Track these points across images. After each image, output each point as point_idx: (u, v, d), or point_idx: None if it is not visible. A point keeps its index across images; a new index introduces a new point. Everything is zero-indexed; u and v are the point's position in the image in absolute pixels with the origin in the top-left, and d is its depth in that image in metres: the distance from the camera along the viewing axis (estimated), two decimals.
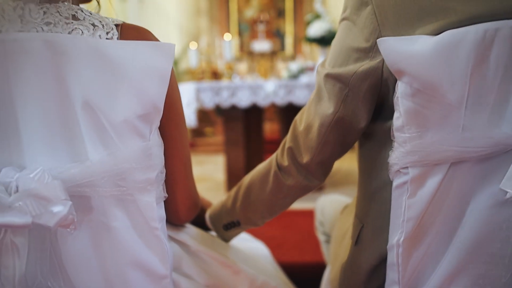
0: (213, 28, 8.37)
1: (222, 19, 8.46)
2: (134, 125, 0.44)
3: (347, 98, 0.53)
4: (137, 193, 0.46)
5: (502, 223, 0.44)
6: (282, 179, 0.62)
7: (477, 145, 0.44)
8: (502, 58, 0.43)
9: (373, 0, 0.49)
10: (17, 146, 0.45)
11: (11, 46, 0.43)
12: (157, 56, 0.45)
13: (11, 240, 0.41)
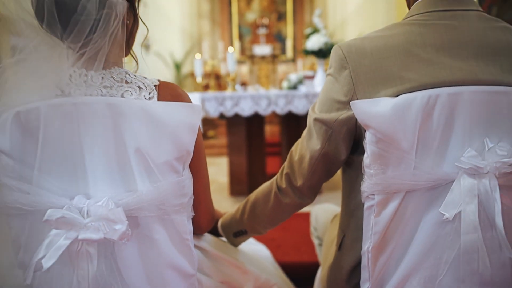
0: (215, 31, 8.51)
1: (224, 22, 8.60)
2: (171, 164, 0.60)
3: (331, 137, 0.69)
4: (173, 214, 0.62)
5: (443, 237, 0.60)
6: (281, 198, 0.78)
7: (424, 180, 0.60)
8: (442, 116, 0.59)
9: (350, 66, 0.65)
10: (84, 180, 0.61)
11: (81, 107, 0.59)
12: (188, 114, 0.60)
13: (86, 250, 0.57)
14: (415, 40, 0.63)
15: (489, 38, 0.63)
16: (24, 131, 0.59)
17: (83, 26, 0.57)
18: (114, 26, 0.60)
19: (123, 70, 0.67)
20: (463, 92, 0.59)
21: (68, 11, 0.57)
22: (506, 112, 0.59)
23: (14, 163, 0.60)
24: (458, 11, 0.65)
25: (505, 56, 0.62)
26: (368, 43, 0.65)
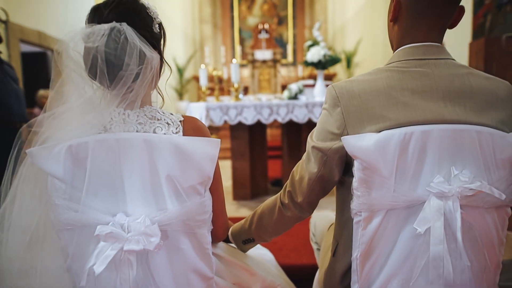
0: (216, 35, 8.64)
1: (225, 26, 8.72)
2: (195, 188, 0.74)
3: (326, 162, 0.83)
4: (196, 228, 0.76)
5: (416, 248, 0.74)
6: (284, 212, 0.92)
7: (402, 201, 0.73)
8: (416, 149, 0.72)
9: (342, 105, 0.79)
10: (123, 200, 0.74)
11: (122, 142, 0.73)
12: (209, 147, 0.74)
13: (127, 258, 0.71)
14: (394, 85, 0.76)
15: (455, 83, 0.77)
16: (75, 161, 0.73)
17: (126, 79, 0.70)
18: (149, 76, 0.73)
19: (154, 108, 0.80)
20: (432, 130, 0.72)
21: (115, 69, 0.71)
22: (468, 146, 0.73)
23: (66, 187, 0.74)
24: (431, 60, 0.79)
25: (468, 98, 0.76)
26: (357, 85, 0.79)
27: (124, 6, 0.76)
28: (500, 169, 0.74)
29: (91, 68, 0.72)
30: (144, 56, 0.72)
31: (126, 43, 0.71)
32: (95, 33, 0.70)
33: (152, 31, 0.79)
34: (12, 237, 0.77)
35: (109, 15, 0.75)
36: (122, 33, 0.71)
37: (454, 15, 0.82)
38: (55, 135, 0.74)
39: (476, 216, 0.75)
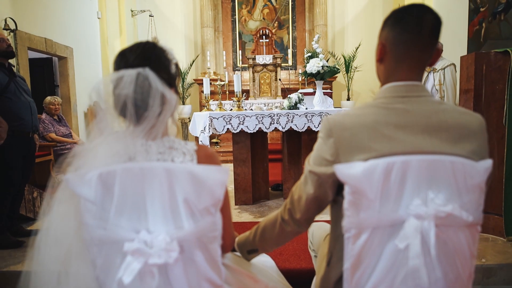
0: (218, 39, 8.75)
1: (226, 30, 8.83)
2: (208, 209, 0.86)
3: (321, 185, 0.95)
4: (208, 243, 0.88)
5: (398, 261, 0.86)
6: (284, 227, 1.04)
7: (385, 221, 0.85)
8: (397, 177, 0.84)
9: (335, 136, 0.91)
10: (145, 219, 0.86)
11: (146, 171, 0.85)
12: (220, 174, 0.86)
13: (150, 270, 0.83)
14: (380, 120, 0.88)
15: (433, 118, 0.89)
16: (104, 186, 0.85)
17: (151, 118, 0.83)
18: (169, 113, 0.86)
19: (171, 139, 0.92)
20: (412, 160, 0.84)
21: (141, 109, 0.83)
22: (442, 173, 0.85)
23: (96, 208, 0.86)
24: (412, 97, 0.91)
25: (444, 131, 0.88)
26: (348, 119, 0.91)
27: (147, 52, 0.89)
28: (470, 193, 0.86)
29: (122, 110, 0.84)
30: (164, 98, 0.84)
31: (150, 88, 0.83)
32: (123, 80, 0.82)
33: (170, 72, 0.91)
34: (49, 252, 0.89)
35: (134, 60, 0.87)
36: (146, 78, 0.83)
37: (432, 57, 0.94)
38: (88, 164, 0.86)
39: (451, 233, 0.87)
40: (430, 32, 0.91)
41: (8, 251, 2.39)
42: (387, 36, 0.95)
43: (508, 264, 2.06)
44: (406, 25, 0.91)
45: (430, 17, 0.91)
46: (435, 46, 0.94)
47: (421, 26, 0.90)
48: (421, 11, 0.91)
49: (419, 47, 0.92)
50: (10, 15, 4.18)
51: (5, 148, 2.41)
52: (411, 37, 0.91)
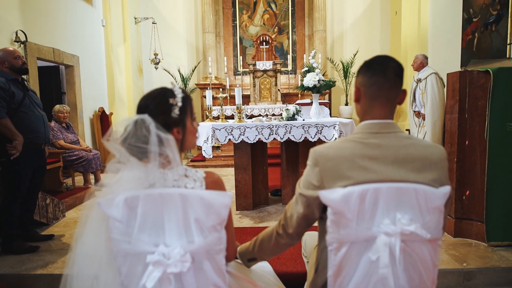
0: (219, 44, 8.93)
1: (227, 36, 9.01)
2: (215, 227, 1.04)
3: (309, 206, 1.13)
4: (215, 254, 1.06)
5: (371, 270, 1.04)
6: (279, 240, 1.23)
7: (361, 236, 1.04)
8: (371, 201, 1.02)
9: (320, 165, 1.09)
10: (163, 235, 1.05)
11: (164, 196, 1.03)
12: (224, 198, 1.04)
13: (167, 277, 1.01)
14: (357, 153, 1.07)
15: (400, 151, 1.07)
16: (129, 208, 1.04)
17: (154, 155, 1.02)
18: (173, 149, 1.04)
19: (184, 167, 1.11)
20: (382, 187, 1.02)
21: (143, 150, 1.02)
22: (408, 198, 1.03)
23: (123, 226, 1.04)
24: (384, 133, 1.10)
25: (410, 163, 1.06)
26: (331, 151, 1.09)
27: (148, 100, 1.09)
28: (431, 215, 1.04)
29: (127, 150, 1.03)
30: (161, 139, 1.03)
31: (148, 132, 1.02)
32: (127, 125, 1.02)
33: (169, 116, 1.09)
34: (84, 260, 1.08)
35: (140, 107, 1.07)
36: (143, 123, 1.03)
37: (399, 97, 1.13)
38: (116, 190, 1.04)
39: (415, 247, 1.05)
40: (394, 75, 1.10)
41: (26, 255, 2.57)
42: (360, 80, 1.14)
43: (487, 268, 2.24)
44: (374, 71, 1.11)
45: (392, 64, 1.10)
46: (400, 86, 1.13)
47: (386, 70, 1.10)
48: (385, 59, 1.11)
49: (386, 86, 1.11)
50: (20, 28, 4.37)
51: (19, 160, 2.58)
52: (379, 79, 1.10)
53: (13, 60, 2.64)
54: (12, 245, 2.62)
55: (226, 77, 6.33)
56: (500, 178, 2.45)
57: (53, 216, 3.32)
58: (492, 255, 2.39)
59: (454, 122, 2.64)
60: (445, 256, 2.40)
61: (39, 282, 2.27)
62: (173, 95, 1.11)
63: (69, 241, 2.86)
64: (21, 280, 2.28)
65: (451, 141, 2.67)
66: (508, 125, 2.42)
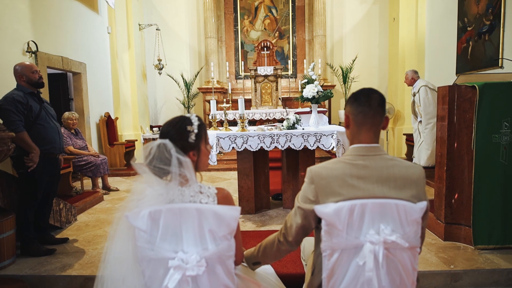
0: (221, 48, 9.11)
1: (229, 40, 9.18)
2: (226, 236, 1.23)
3: (306, 217, 1.31)
4: (225, 260, 1.24)
5: (359, 273, 1.22)
6: (280, 246, 1.41)
7: (350, 245, 1.22)
8: (358, 214, 1.20)
9: (315, 183, 1.27)
10: (181, 244, 1.23)
11: (182, 210, 1.21)
12: (233, 211, 1.22)
13: (186, 279, 1.19)
14: (346, 173, 1.25)
15: (384, 172, 1.25)
16: (153, 220, 1.22)
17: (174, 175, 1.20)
18: (190, 169, 1.22)
19: (199, 185, 1.29)
20: (368, 202, 1.20)
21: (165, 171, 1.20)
22: (390, 212, 1.21)
23: (147, 235, 1.22)
24: (370, 156, 1.28)
25: (392, 181, 1.24)
26: (324, 171, 1.27)
27: (170, 127, 1.27)
28: (410, 226, 1.22)
29: (151, 170, 1.22)
30: (180, 161, 1.22)
31: (168, 155, 1.20)
32: (151, 148, 1.20)
33: (187, 141, 1.27)
34: (114, 265, 1.26)
35: (162, 133, 1.25)
36: (165, 147, 1.21)
37: (383, 123, 1.31)
38: (141, 205, 1.22)
39: (397, 253, 1.23)
40: (377, 105, 1.29)
41: (44, 257, 2.76)
42: (349, 110, 1.32)
43: (473, 269, 2.42)
44: (360, 101, 1.29)
45: (376, 95, 1.29)
46: (383, 114, 1.31)
47: (370, 101, 1.29)
48: (369, 91, 1.30)
49: (371, 114, 1.29)
50: (32, 38, 4.55)
51: (36, 170, 2.76)
52: (364, 108, 1.29)
53: (31, 74, 2.82)
54: (30, 248, 2.80)
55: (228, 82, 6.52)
56: (486, 186, 2.63)
57: (66, 220, 3.51)
58: (478, 258, 2.57)
59: (444, 129, 2.82)
60: (435, 258, 2.58)
61: (58, 283, 2.46)
62: (190, 123, 1.29)
63: (82, 244, 3.04)
64: (41, 281, 2.46)
65: (441, 150, 2.85)
66: (493, 137, 2.60)
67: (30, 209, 2.82)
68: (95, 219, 3.77)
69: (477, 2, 5.15)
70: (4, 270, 2.54)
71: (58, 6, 5.24)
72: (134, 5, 7.28)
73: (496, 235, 2.66)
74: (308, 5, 9.06)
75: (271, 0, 9.34)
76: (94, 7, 6.35)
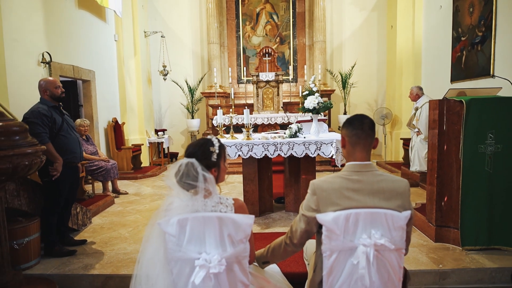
0: (223, 54, 9.34)
1: (231, 46, 9.42)
2: (242, 240, 1.46)
3: (309, 223, 1.55)
4: (241, 260, 1.48)
5: (354, 270, 1.46)
6: (286, 248, 1.65)
7: (346, 247, 1.45)
8: (353, 221, 1.44)
9: (317, 194, 1.51)
10: (204, 246, 1.46)
11: (206, 218, 1.45)
12: (248, 219, 1.46)
13: (209, 276, 1.43)
14: (343, 186, 1.49)
15: (374, 185, 1.49)
16: (180, 226, 1.45)
17: (200, 189, 1.43)
18: (213, 184, 1.46)
19: (218, 196, 1.53)
20: (361, 211, 1.44)
21: (192, 186, 1.44)
22: (379, 220, 1.45)
23: (175, 239, 1.46)
24: (363, 171, 1.51)
25: (381, 194, 1.48)
26: (325, 184, 1.51)
27: (196, 148, 1.51)
28: (397, 231, 1.46)
29: (180, 185, 1.45)
30: (205, 177, 1.45)
31: (196, 172, 1.44)
32: (181, 166, 1.44)
33: (210, 160, 1.51)
34: (147, 264, 1.49)
35: (190, 153, 1.49)
36: (192, 165, 1.44)
37: (373, 143, 1.55)
38: (171, 214, 1.46)
39: (385, 254, 1.47)
40: (368, 128, 1.53)
41: (66, 258, 2.99)
42: (345, 132, 1.56)
43: (459, 268, 2.66)
44: (354, 125, 1.53)
45: (367, 120, 1.53)
46: (373, 136, 1.56)
47: (363, 125, 1.53)
48: (362, 117, 1.55)
49: (363, 136, 1.53)
50: (46, 49, 4.79)
51: (59, 178, 3.00)
52: (358, 131, 1.53)
53: (54, 89, 3.06)
54: (54, 249, 3.03)
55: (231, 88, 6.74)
56: (473, 192, 2.87)
57: (82, 223, 3.74)
58: (465, 258, 2.81)
59: (434, 139, 3.06)
60: (425, 258, 2.82)
61: (81, 282, 2.69)
62: (212, 144, 1.53)
63: (100, 246, 3.28)
64: (66, 279, 2.70)
65: (432, 158, 3.09)
66: (479, 147, 2.83)
67: (53, 214, 3.06)
68: (109, 221, 4.01)
69: (471, 14, 5.39)
70: (31, 270, 2.78)
71: (70, 17, 5.48)
72: (140, 13, 7.52)
73: (482, 237, 2.90)
74: (309, 11, 9.30)
75: (272, 7, 9.57)
76: (102, 16, 6.59)
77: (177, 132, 9.25)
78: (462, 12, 5.64)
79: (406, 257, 2.82)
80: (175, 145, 9.03)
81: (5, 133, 2.08)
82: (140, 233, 3.59)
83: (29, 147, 2.19)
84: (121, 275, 2.68)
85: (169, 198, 1.50)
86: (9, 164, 2.01)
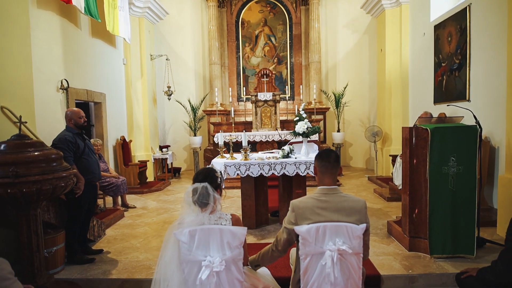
0: (224, 73, 9.89)
1: (232, 66, 9.97)
2: (237, 246, 1.92)
3: (290, 233, 2.02)
4: (237, 262, 1.94)
5: (323, 269, 1.91)
6: (273, 253, 2.12)
7: (317, 252, 1.91)
8: (321, 232, 1.90)
9: (295, 211, 1.99)
10: (209, 251, 1.92)
11: (210, 229, 1.92)
12: (243, 230, 1.92)
13: (212, 274, 1.88)
14: (315, 205, 1.96)
15: (338, 204, 1.96)
16: (191, 236, 1.92)
17: (209, 207, 1.90)
18: (219, 202, 1.93)
19: (220, 212, 2.00)
20: (328, 225, 1.90)
21: (204, 204, 1.91)
22: (341, 231, 1.91)
23: (187, 245, 1.92)
24: (330, 194, 1.99)
25: (343, 211, 1.95)
26: (301, 204, 1.98)
27: (206, 174, 1.97)
28: (355, 240, 1.92)
29: (196, 203, 1.92)
30: (215, 197, 1.92)
31: (208, 193, 1.91)
32: (197, 188, 1.91)
33: (216, 183, 1.98)
34: (165, 266, 1.95)
35: (202, 179, 1.96)
36: (206, 188, 1.91)
37: (338, 171, 2.02)
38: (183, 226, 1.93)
39: (347, 257, 1.92)
40: (334, 160, 2.01)
41: (87, 265, 3.43)
42: (316, 163, 2.04)
43: (426, 273, 3.09)
44: (323, 158, 2.01)
45: (333, 154, 2.01)
46: (338, 166, 2.03)
47: (329, 158, 2.00)
48: (329, 151, 2.03)
49: (330, 166, 2.01)
50: (63, 77, 5.31)
51: (81, 195, 3.47)
52: (325, 163, 2.00)
53: (78, 119, 3.56)
54: (75, 257, 3.48)
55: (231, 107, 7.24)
56: (439, 207, 3.32)
57: (97, 234, 4.19)
58: (433, 265, 3.24)
59: (406, 162, 3.52)
60: (398, 265, 3.25)
61: (102, 284, 3.13)
62: (216, 171, 2.02)
63: (115, 255, 3.72)
64: (89, 283, 3.14)
65: (405, 178, 3.55)
66: (443, 168, 3.30)
67: (75, 226, 3.52)
68: (121, 233, 4.45)
69: (449, 42, 5.92)
70: (58, 275, 3.22)
71: (84, 45, 6.02)
72: (146, 37, 8.09)
73: (448, 247, 3.34)
74: (304, 34, 9.87)
75: (270, 29, 10.16)
76: (112, 43, 7.14)
77: (179, 148, 9.74)
78: (442, 40, 6.17)
79: (382, 264, 3.26)
80: (178, 160, 9.50)
81: (46, 160, 2.56)
82: (150, 244, 4.03)
83: (64, 171, 2.66)
84: (136, 279, 3.12)
85: (184, 216, 1.96)
86: (50, 186, 2.48)
